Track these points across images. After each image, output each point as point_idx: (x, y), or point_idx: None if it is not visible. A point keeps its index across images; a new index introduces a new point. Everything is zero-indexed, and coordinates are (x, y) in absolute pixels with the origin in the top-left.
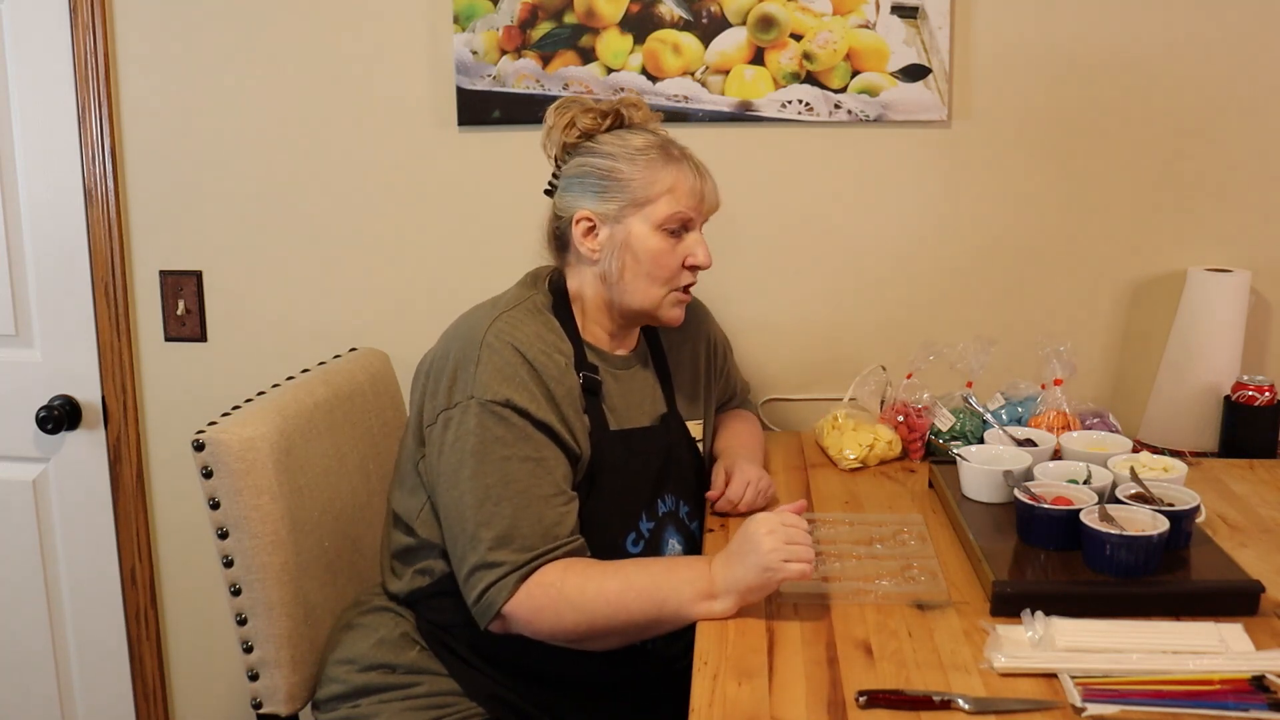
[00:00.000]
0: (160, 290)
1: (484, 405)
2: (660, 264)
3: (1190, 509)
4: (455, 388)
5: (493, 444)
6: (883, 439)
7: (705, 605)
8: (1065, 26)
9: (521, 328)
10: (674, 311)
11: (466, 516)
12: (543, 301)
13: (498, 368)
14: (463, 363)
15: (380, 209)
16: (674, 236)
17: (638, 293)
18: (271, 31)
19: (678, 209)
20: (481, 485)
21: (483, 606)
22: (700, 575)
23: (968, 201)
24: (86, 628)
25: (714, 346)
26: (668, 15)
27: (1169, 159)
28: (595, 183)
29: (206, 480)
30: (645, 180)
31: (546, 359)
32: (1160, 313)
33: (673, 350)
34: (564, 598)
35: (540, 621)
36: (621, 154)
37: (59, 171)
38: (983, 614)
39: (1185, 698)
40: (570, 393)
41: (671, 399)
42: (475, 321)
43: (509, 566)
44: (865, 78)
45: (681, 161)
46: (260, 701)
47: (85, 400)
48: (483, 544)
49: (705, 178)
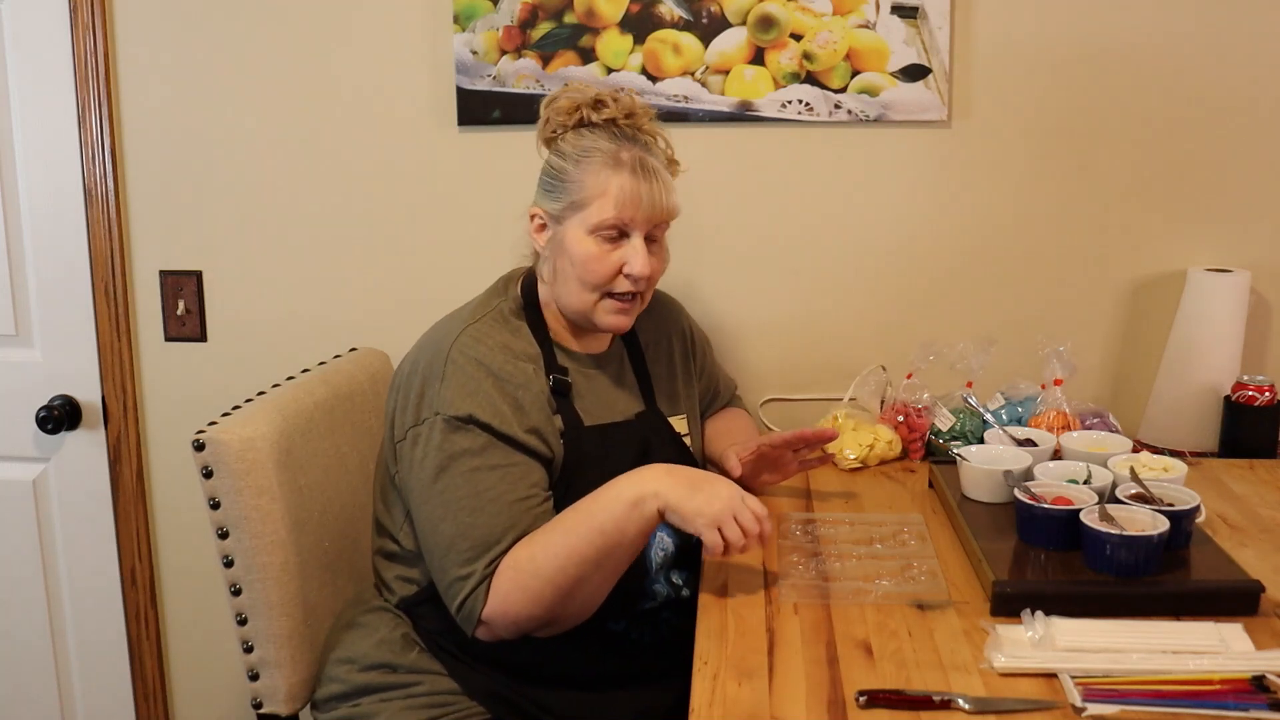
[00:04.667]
0: (160, 290)
1: (448, 421)
2: (589, 269)
3: (1190, 509)
4: (422, 404)
5: (460, 457)
6: (883, 439)
7: (637, 512)
8: (1065, 26)
9: (486, 340)
10: (612, 319)
11: (441, 531)
12: (510, 307)
13: (461, 383)
14: (429, 378)
15: (380, 209)
16: (609, 243)
17: (570, 295)
18: (271, 31)
19: (611, 215)
20: (452, 499)
21: (464, 617)
22: (625, 487)
23: (968, 201)
24: (86, 628)
25: (690, 342)
26: (668, 15)
27: (1169, 159)
28: (549, 181)
29: (206, 480)
30: (585, 183)
31: (512, 368)
32: (1160, 313)
33: (649, 349)
34: (521, 570)
35: (515, 606)
36: (571, 154)
37: (59, 171)
38: (983, 614)
39: (1185, 698)
40: (539, 397)
41: (650, 398)
42: (442, 335)
43: (481, 576)
44: (865, 78)
45: (628, 168)
46: (260, 701)
47: (85, 400)
48: (458, 556)
49: (653, 183)
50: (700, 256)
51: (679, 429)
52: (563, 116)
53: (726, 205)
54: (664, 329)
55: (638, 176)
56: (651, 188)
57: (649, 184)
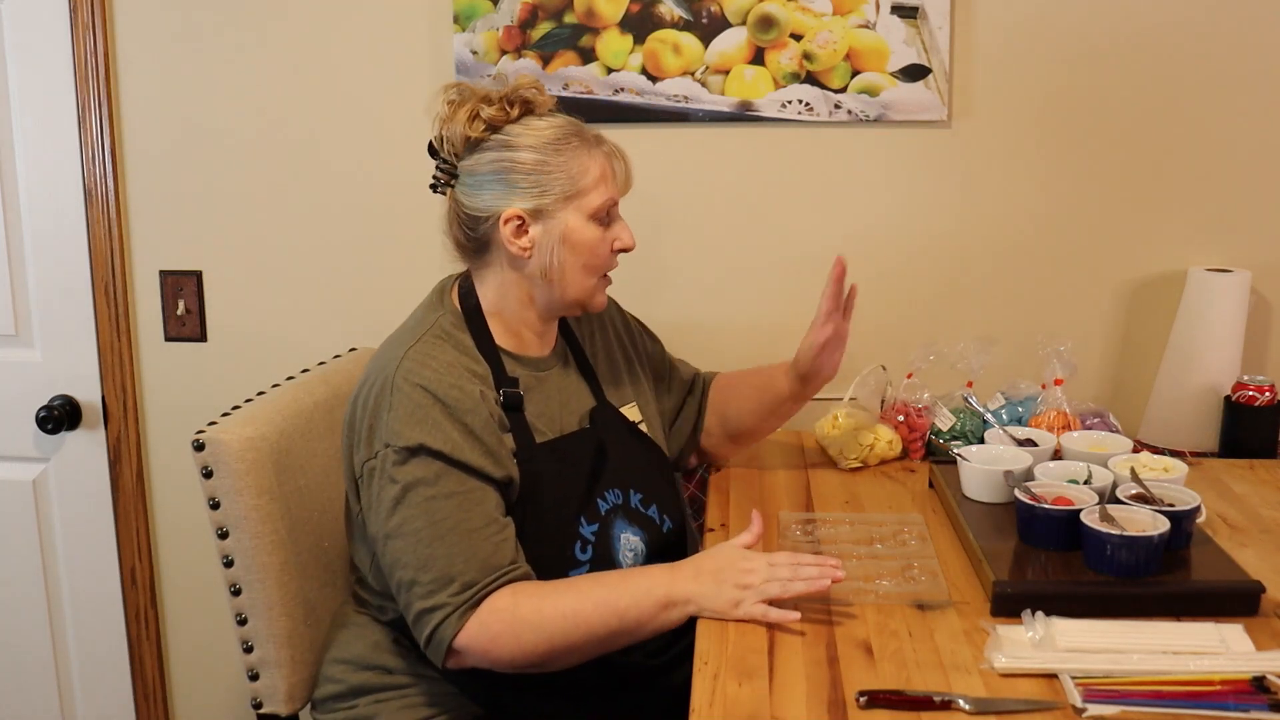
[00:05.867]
0: (160, 290)
1: (399, 452)
2: (596, 254)
3: (1190, 509)
4: (374, 437)
5: (414, 488)
6: (883, 439)
7: (664, 615)
8: (1065, 26)
9: (429, 363)
10: (602, 298)
11: (404, 563)
12: (450, 322)
13: (409, 412)
14: (378, 410)
15: (380, 209)
16: (603, 224)
17: (574, 285)
18: (271, 31)
19: (608, 196)
20: (411, 531)
21: (433, 648)
22: (658, 584)
23: (968, 201)
24: (86, 627)
25: (624, 328)
26: (668, 15)
27: (1169, 159)
28: (519, 178)
29: (206, 480)
30: (574, 171)
31: (459, 392)
32: (1160, 313)
33: (586, 341)
34: (520, 620)
35: (499, 648)
36: (542, 145)
37: (59, 171)
38: (983, 614)
39: (1186, 698)
40: (489, 420)
41: (599, 390)
42: (386, 361)
43: (449, 608)
44: (865, 78)
45: (600, 146)
46: (260, 701)
47: (85, 400)
48: (421, 590)
49: (621, 158)
50: (700, 256)
51: (632, 417)
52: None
53: (726, 205)
54: (596, 320)
55: (608, 150)
56: (623, 162)
57: (617, 155)
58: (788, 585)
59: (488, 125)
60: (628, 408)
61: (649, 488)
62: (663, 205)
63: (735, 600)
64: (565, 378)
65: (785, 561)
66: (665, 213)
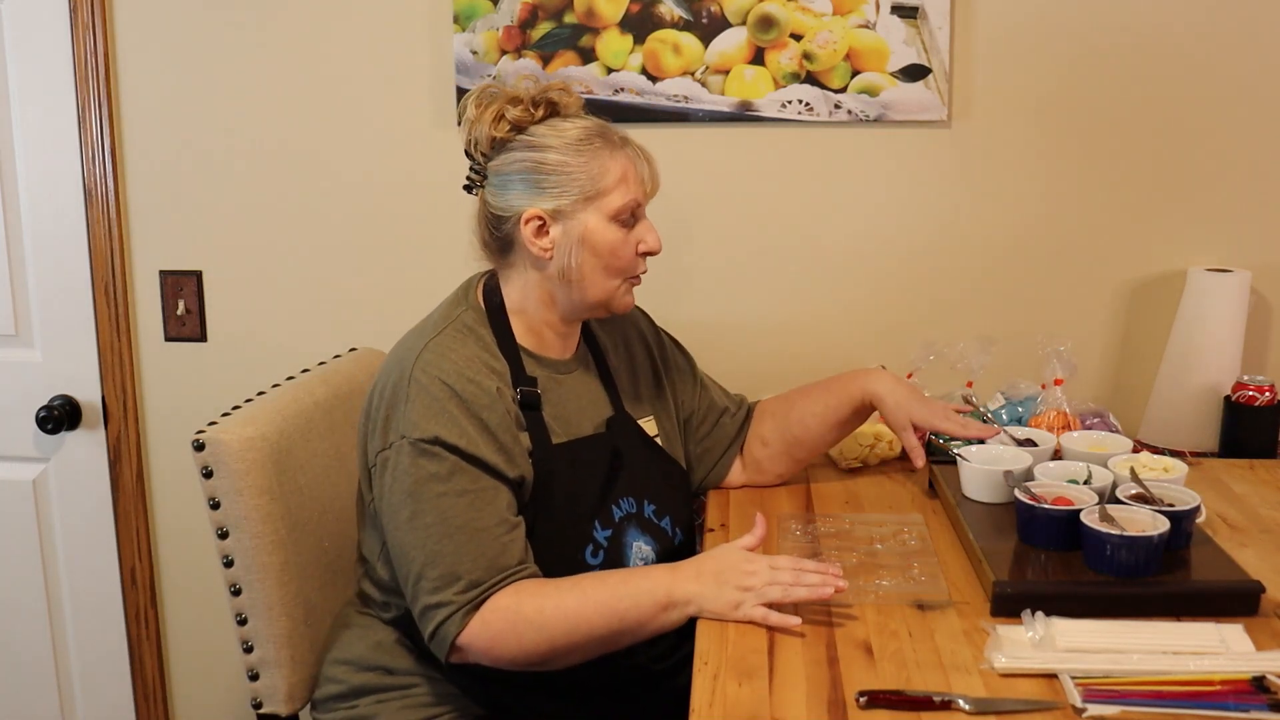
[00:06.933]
0: (160, 290)
1: (414, 444)
2: (618, 255)
3: (1190, 509)
4: (389, 428)
5: (427, 482)
6: (883, 439)
7: (664, 616)
8: (1065, 27)
9: (449, 356)
10: (627, 299)
11: (411, 558)
12: (473, 318)
13: (426, 404)
14: (394, 401)
15: (380, 209)
16: (625, 226)
17: (595, 287)
18: (271, 31)
19: (630, 198)
20: (421, 526)
21: (436, 644)
22: (659, 584)
23: (968, 201)
24: (86, 628)
25: (652, 338)
26: (668, 15)
27: (1169, 159)
28: (541, 179)
29: (206, 480)
30: (595, 172)
31: (476, 387)
32: (1160, 313)
33: (610, 352)
34: (522, 619)
35: (501, 647)
36: (564, 146)
37: (59, 171)
38: (983, 614)
39: (1186, 698)
40: (505, 416)
41: (618, 400)
42: (405, 352)
43: (455, 606)
44: (865, 78)
45: (625, 147)
46: (260, 701)
47: (85, 400)
48: (428, 585)
49: (646, 160)
50: (700, 256)
51: (649, 430)
52: (521, 111)
53: (726, 205)
54: (622, 331)
55: (639, 155)
56: (648, 164)
57: (646, 161)
58: (789, 590)
59: (513, 126)
60: (645, 420)
61: (662, 500)
62: (662, 205)
63: (736, 602)
64: (585, 383)
65: (787, 565)
66: (665, 213)
